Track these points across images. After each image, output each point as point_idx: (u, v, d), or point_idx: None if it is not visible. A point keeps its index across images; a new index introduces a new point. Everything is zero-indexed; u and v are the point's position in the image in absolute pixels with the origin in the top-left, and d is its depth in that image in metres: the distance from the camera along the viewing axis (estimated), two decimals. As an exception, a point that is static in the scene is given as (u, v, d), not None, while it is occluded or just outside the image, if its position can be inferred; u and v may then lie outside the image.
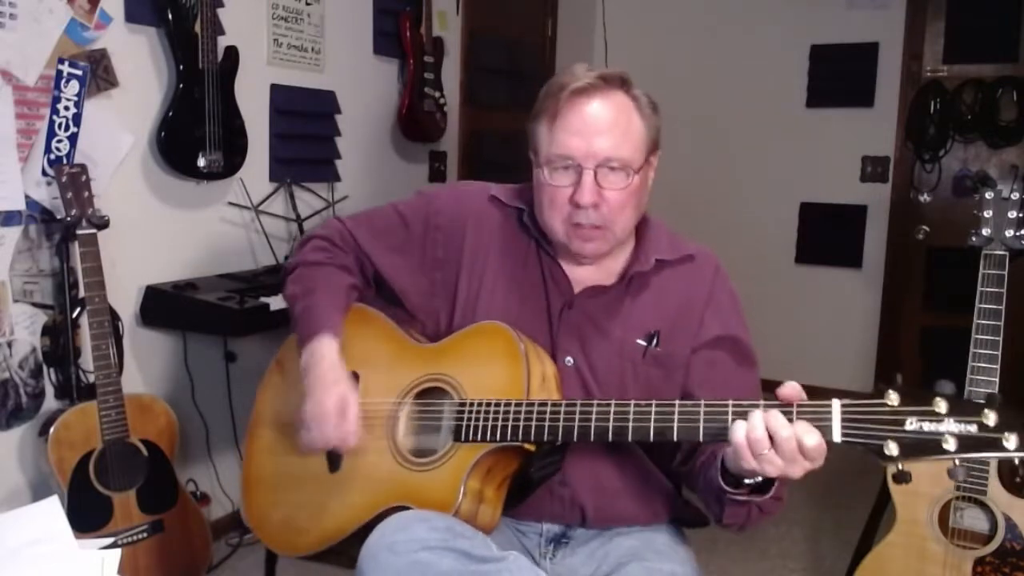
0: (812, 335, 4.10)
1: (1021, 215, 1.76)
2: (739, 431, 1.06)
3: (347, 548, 1.29)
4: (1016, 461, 0.97)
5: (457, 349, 1.36)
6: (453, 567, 1.12)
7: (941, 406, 0.97)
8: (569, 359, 1.36)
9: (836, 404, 1.03)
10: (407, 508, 1.23)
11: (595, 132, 1.27)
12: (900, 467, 1.00)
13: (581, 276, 1.39)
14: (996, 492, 1.78)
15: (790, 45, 4.05)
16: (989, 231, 1.78)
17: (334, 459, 1.39)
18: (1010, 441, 0.94)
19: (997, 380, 1.73)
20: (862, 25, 3.90)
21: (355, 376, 1.39)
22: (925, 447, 0.98)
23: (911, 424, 0.98)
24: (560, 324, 1.37)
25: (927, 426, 0.98)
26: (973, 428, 0.96)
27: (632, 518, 1.40)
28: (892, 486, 1.89)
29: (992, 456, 0.96)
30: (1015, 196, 1.77)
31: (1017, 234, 1.76)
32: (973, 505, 1.81)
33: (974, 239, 1.79)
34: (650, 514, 1.41)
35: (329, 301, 1.41)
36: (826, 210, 4.09)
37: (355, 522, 1.31)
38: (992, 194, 1.78)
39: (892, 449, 0.99)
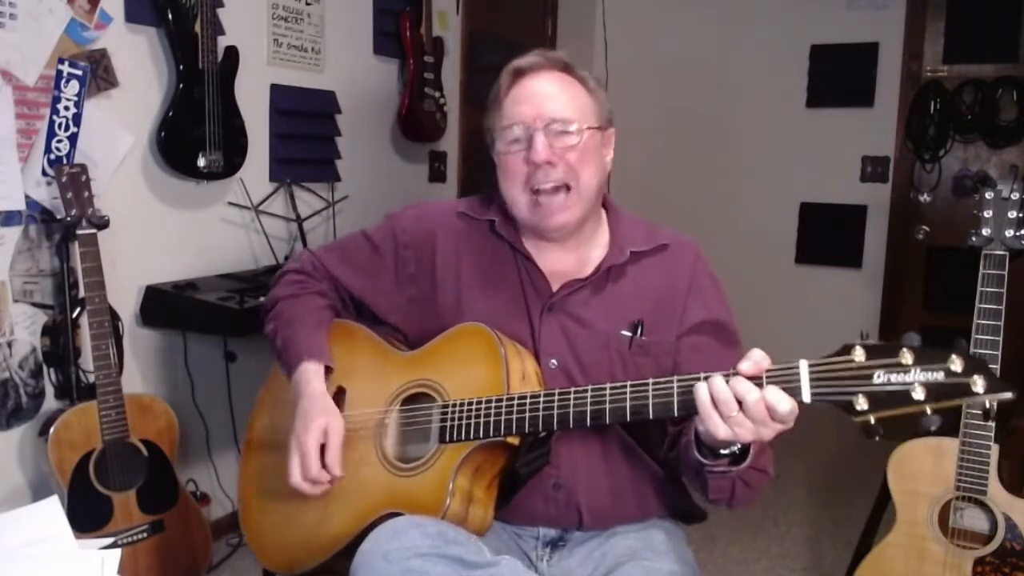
0: (812, 335, 4.10)
1: (1021, 215, 1.76)
2: (702, 391, 1.06)
3: (342, 562, 1.29)
4: (987, 403, 0.96)
5: (438, 353, 1.37)
6: (445, 573, 1.12)
7: (907, 356, 0.97)
8: (553, 362, 1.36)
9: (803, 364, 1.03)
10: (398, 514, 1.23)
11: (542, 99, 1.33)
12: (872, 421, 0.99)
13: (559, 270, 1.39)
14: (996, 492, 1.78)
15: (790, 45, 4.05)
16: (989, 231, 1.78)
17: None
18: (978, 384, 0.93)
19: (997, 380, 1.73)
20: (862, 25, 3.90)
21: (341, 391, 1.41)
22: (894, 399, 0.97)
23: (879, 377, 0.98)
24: (541, 327, 1.37)
25: (895, 377, 0.97)
26: (940, 375, 0.95)
27: (630, 516, 1.40)
28: (892, 485, 1.89)
29: (962, 401, 0.95)
30: (1015, 196, 1.76)
31: (1017, 234, 1.76)
32: (973, 505, 1.81)
33: (974, 239, 1.79)
34: (647, 510, 1.41)
35: (307, 327, 1.43)
36: (826, 210, 4.09)
37: (349, 534, 1.31)
38: (992, 194, 1.78)
39: (862, 403, 0.98)
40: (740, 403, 1.04)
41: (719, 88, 4.23)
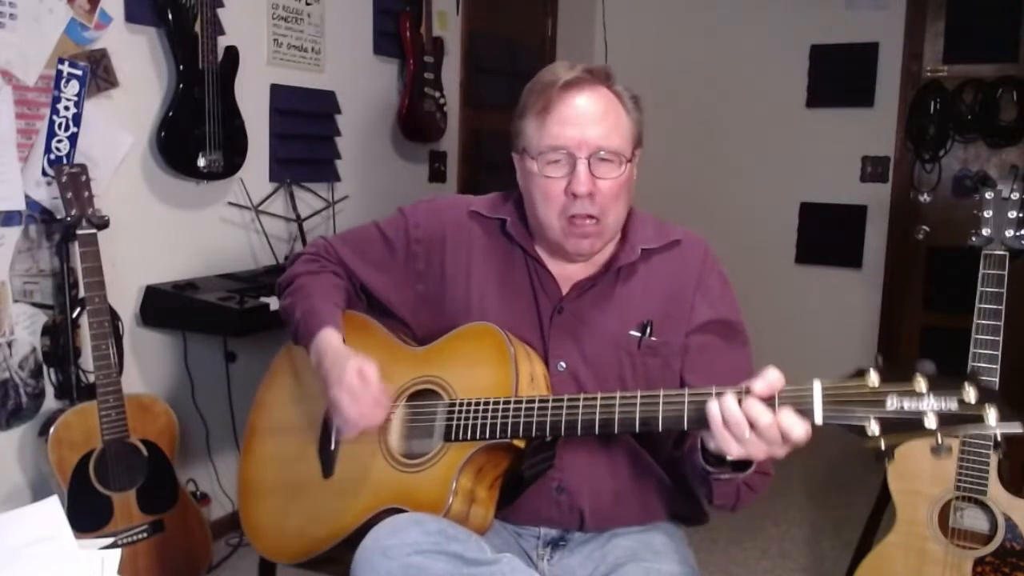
0: (812, 335, 4.10)
1: (1021, 215, 1.76)
2: (714, 411, 1.06)
3: (342, 554, 1.29)
4: (998, 435, 0.97)
5: (448, 351, 1.37)
6: (446, 570, 1.12)
7: (921, 384, 0.97)
8: (562, 364, 1.36)
9: (817, 386, 1.03)
10: (400, 510, 1.24)
11: (587, 122, 1.29)
12: (883, 446, 0.99)
13: (568, 272, 1.39)
14: (996, 492, 1.77)
15: (790, 45, 4.05)
16: (989, 231, 1.78)
17: (327, 464, 1.40)
18: (990, 416, 0.94)
19: (997, 380, 1.73)
20: (862, 25, 3.90)
21: None
22: (906, 425, 0.97)
23: (892, 403, 0.98)
24: (551, 329, 1.37)
25: (908, 404, 0.97)
26: (953, 404, 0.96)
27: (630, 519, 1.40)
28: (892, 485, 1.89)
29: (972, 431, 0.96)
30: (1015, 196, 1.76)
31: (1017, 234, 1.76)
32: (973, 505, 1.81)
33: (974, 239, 1.79)
34: (649, 514, 1.41)
35: (325, 302, 1.43)
36: (826, 210, 4.08)
37: (349, 526, 1.31)
38: (992, 194, 1.78)
39: (874, 428, 0.98)
40: (752, 425, 1.04)
41: (719, 88, 4.23)
